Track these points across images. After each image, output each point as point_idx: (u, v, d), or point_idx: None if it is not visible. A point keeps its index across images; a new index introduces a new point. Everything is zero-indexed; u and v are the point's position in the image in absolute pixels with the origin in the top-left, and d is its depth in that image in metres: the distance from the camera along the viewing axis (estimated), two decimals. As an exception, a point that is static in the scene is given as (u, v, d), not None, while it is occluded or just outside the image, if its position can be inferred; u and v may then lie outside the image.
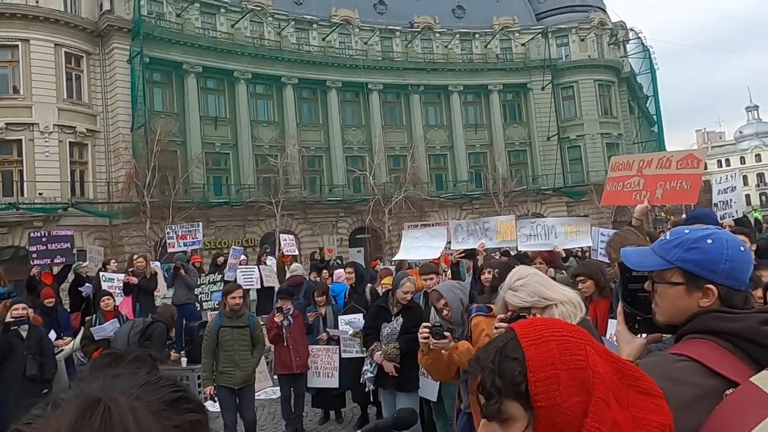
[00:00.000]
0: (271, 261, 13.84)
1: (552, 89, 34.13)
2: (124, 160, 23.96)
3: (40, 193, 22.58)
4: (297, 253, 14.10)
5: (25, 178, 22.65)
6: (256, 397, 6.44)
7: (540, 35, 34.93)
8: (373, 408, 6.54)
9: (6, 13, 22.91)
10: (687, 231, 1.46)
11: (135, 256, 9.14)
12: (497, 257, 7.72)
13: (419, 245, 6.86)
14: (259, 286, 11.51)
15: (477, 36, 35.37)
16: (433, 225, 9.05)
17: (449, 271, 7.18)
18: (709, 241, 1.39)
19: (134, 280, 8.58)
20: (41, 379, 6.52)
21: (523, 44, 35.37)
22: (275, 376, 7.23)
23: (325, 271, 11.80)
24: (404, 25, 33.94)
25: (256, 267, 12.06)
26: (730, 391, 1.20)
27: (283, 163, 27.61)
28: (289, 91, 29.72)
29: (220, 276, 10.81)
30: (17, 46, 23.18)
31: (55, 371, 6.98)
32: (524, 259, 6.77)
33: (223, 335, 5.78)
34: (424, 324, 3.47)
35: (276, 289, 10.47)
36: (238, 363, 5.73)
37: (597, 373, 0.92)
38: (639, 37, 37.44)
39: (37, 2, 23.56)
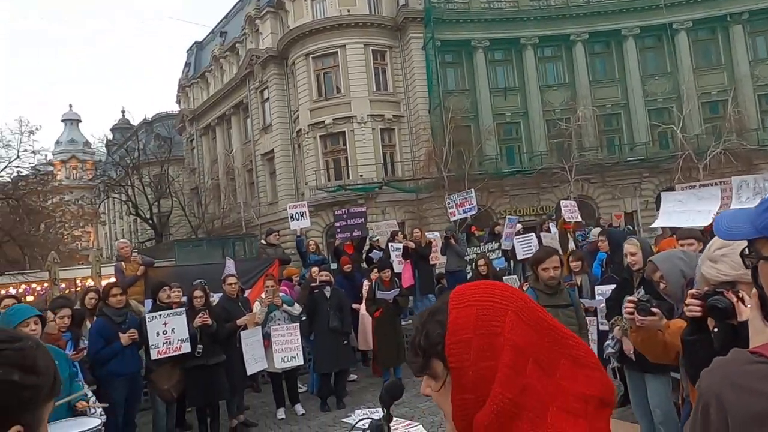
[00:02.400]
0: (553, 228, 13.63)
1: None
2: (424, 140, 26.32)
3: (361, 175, 26.55)
4: (579, 219, 13.54)
5: (349, 164, 26.96)
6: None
7: None
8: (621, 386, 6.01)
9: (327, 26, 27.37)
10: None
11: (415, 229, 10.27)
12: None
13: (683, 209, 5.91)
14: (537, 254, 11.59)
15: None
16: (701, 186, 7.61)
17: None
18: None
19: (411, 245, 9.70)
20: (342, 331, 7.96)
21: None
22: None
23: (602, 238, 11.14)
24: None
25: (533, 235, 12.12)
26: None
27: (576, 126, 26.45)
28: (579, 48, 28.13)
29: (497, 245, 11.27)
30: (336, 52, 27.48)
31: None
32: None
33: None
34: (628, 298, 3.19)
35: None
36: None
37: (509, 340, 0.92)
38: None
39: (349, 11, 27.46)
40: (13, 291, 26.70)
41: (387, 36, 28.02)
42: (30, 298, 24.32)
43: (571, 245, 13.25)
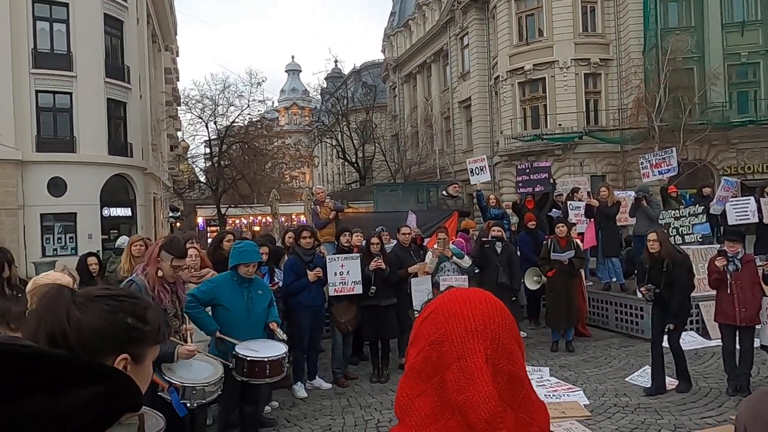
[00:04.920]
0: (781, 193, 11.63)
1: None
2: (634, 85, 23.89)
3: (560, 124, 25.20)
4: (821, 183, 11.32)
5: (548, 112, 25.73)
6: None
7: None
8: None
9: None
10: None
11: (601, 187, 9.60)
12: None
13: None
14: (756, 220, 10.15)
15: None
16: None
17: None
18: None
19: (594, 202, 9.11)
20: (509, 287, 7.99)
21: None
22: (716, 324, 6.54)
23: None
24: None
25: (751, 198, 10.54)
26: None
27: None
28: None
29: (702, 208, 10.10)
30: (541, -9, 25.91)
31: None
32: None
33: None
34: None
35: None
36: None
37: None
38: None
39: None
40: (244, 221, 31.38)
41: (599, -30, 25.54)
42: (257, 228, 28.42)
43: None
